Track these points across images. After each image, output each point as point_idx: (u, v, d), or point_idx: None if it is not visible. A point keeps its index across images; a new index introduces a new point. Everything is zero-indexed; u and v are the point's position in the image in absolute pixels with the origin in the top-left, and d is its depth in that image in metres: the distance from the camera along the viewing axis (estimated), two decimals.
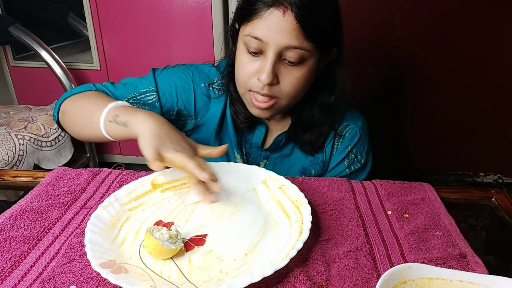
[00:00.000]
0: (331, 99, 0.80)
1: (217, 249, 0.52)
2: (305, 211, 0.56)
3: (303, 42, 0.67)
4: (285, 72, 0.70)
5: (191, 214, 0.59)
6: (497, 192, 0.71)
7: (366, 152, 0.88)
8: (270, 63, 0.68)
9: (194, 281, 0.47)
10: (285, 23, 0.66)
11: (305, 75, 0.71)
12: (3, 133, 1.49)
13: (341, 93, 0.81)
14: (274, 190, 0.64)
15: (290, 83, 0.71)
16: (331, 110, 0.82)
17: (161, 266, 0.49)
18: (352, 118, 0.87)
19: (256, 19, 0.68)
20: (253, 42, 0.69)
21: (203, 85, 0.84)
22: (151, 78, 0.82)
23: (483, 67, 1.82)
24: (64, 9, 2.05)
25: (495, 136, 1.96)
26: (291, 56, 0.68)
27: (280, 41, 0.67)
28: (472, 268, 0.50)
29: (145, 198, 0.63)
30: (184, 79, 0.83)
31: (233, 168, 0.69)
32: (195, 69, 0.85)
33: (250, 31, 0.69)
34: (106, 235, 0.54)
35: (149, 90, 0.81)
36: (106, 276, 0.45)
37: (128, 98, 0.80)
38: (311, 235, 0.53)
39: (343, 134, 0.85)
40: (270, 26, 0.67)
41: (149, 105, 0.81)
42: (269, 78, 0.68)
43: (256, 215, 0.59)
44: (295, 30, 0.66)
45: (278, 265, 0.47)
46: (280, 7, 0.66)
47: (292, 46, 0.67)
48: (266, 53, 0.69)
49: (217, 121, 0.84)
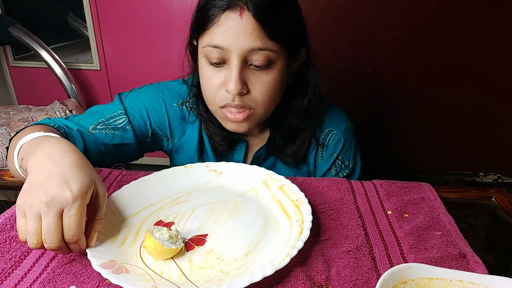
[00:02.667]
0: (304, 102, 0.76)
1: (217, 249, 0.52)
2: (306, 211, 0.56)
3: (267, 42, 0.62)
4: (254, 78, 0.66)
5: (191, 214, 0.59)
6: (497, 192, 0.71)
7: (353, 155, 0.84)
8: (236, 70, 0.63)
9: (195, 281, 0.47)
10: (244, 25, 0.61)
11: (276, 79, 0.67)
12: (3, 133, 1.49)
13: (314, 96, 0.76)
14: (274, 189, 0.64)
15: (261, 89, 0.66)
16: (308, 115, 0.77)
17: (162, 266, 0.49)
18: (334, 122, 0.82)
19: (212, 26, 0.63)
20: (213, 52, 0.64)
21: (176, 105, 0.79)
22: (117, 102, 0.78)
23: (483, 66, 1.82)
24: (64, 10, 2.05)
25: (495, 136, 1.96)
26: (257, 59, 0.63)
27: (242, 45, 0.62)
28: (472, 268, 0.50)
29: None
30: (154, 99, 0.78)
31: (233, 168, 0.69)
32: (164, 88, 0.80)
33: (208, 41, 0.64)
34: (106, 235, 0.54)
35: (117, 114, 0.76)
36: (107, 276, 0.45)
37: (94, 124, 0.75)
38: (311, 235, 0.53)
39: (326, 142, 0.81)
40: (228, 30, 0.62)
41: (120, 129, 0.76)
42: (237, 86, 0.63)
43: (256, 215, 0.59)
44: (256, 30, 0.61)
45: (279, 264, 0.47)
46: (235, 9, 0.61)
47: (256, 48, 0.62)
48: (230, 60, 0.64)
49: (196, 144, 0.81)
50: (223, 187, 0.66)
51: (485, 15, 1.73)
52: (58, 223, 0.46)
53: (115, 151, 0.78)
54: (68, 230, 0.46)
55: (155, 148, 0.85)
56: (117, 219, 0.57)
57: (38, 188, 0.47)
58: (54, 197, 0.45)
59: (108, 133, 0.75)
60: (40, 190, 0.46)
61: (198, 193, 0.64)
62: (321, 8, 1.78)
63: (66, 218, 0.46)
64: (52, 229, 0.45)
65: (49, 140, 0.55)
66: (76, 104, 1.86)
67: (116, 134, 0.76)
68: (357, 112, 1.69)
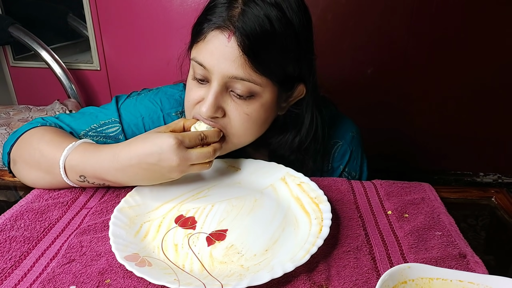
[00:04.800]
0: (295, 141, 0.71)
1: (237, 244, 0.53)
2: (325, 209, 0.57)
3: (251, 74, 0.58)
4: (232, 105, 0.61)
5: (211, 209, 0.60)
6: (497, 192, 0.71)
7: (360, 165, 0.82)
8: (213, 95, 0.60)
9: (215, 275, 0.48)
10: (229, 50, 0.57)
11: (257, 112, 0.62)
12: (3, 133, 1.49)
13: (308, 136, 0.71)
14: (293, 186, 0.65)
15: (239, 119, 0.62)
16: (305, 154, 0.73)
17: (184, 260, 0.50)
18: (340, 132, 0.79)
19: (201, 41, 0.60)
20: (197, 68, 0.61)
21: (174, 114, 0.76)
22: (113, 108, 0.74)
23: (483, 66, 1.82)
24: (64, 10, 2.05)
25: (495, 136, 1.96)
26: (239, 88, 0.59)
27: (223, 70, 0.58)
28: (472, 268, 0.50)
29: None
30: (151, 109, 0.75)
31: (252, 164, 0.70)
32: (163, 95, 0.77)
33: (195, 55, 0.61)
34: (129, 228, 0.55)
35: (111, 121, 0.72)
36: (131, 269, 0.46)
37: (86, 130, 0.71)
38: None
39: (332, 153, 0.78)
40: (213, 51, 0.58)
41: (112, 138, 0.72)
42: (209, 111, 0.60)
43: (275, 212, 0.60)
44: (239, 59, 0.57)
45: (299, 261, 0.47)
46: (225, 31, 0.57)
47: (238, 77, 0.58)
48: (211, 82, 0.60)
49: None
50: (242, 183, 0.67)
51: (485, 15, 1.73)
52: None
53: None
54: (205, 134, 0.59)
55: None
56: (139, 213, 0.59)
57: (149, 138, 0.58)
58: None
59: (99, 140, 0.72)
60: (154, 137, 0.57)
61: (217, 188, 0.65)
62: (321, 8, 1.78)
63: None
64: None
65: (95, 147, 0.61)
66: (76, 104, 1.86)
67: (107, 142, 0.72)
68: (357, 112, 1.69)
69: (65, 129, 0.70)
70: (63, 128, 0.70)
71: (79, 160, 0.59)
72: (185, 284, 0.44)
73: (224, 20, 0.58)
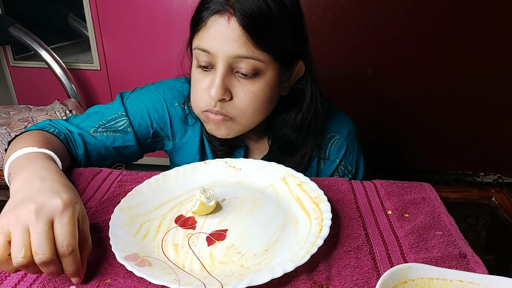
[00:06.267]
0: (298, 117, 0.74)
1: (237, 244, 0.53)
2: (325, 208, 0.57)
3: (254, 51, 0.62)
4: (238, 86, 0.65)
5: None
6: (497, 192, 0.71)
7: (356, 160, 0.83)
8: (219, 76, 0.63)
9: (216, 275, 0.48)
10: (230, 30, 0.61)
11: (263, 90, 0.66)
12: (3, 133, 1.49)
13: (310, 112, 0.74)
14: (293, 186, 0.65)
15: (245, 98, 0.65)
16: (306, 131, 0.75)
17: (183, 260, 0.50)
18: (336, 127, 0.81)
19: (202, 28, 0.63)
20: (202, 55, 0.64)
21: (177, 104, 0.79)
22: (119, 103, 0.77)
23: (483, 66, 1.82)
24: (64, 10, 2.05)
25: (495, 135, 1.96)
26: (243, 67, 0.63)
27: (227, 51, 0.61)
28: (472, 268, 0.50)
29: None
30: (155, 99, 0.78)
31: (252, 164, 0.70)
32: (165, 86, 0.80)
33: (197, 43, 0.64)
34: (129, 228, 0.55)
35: (118, 116, 0.76)
36: (131, 269, 0.46)
37: (95, 127, 0.74)
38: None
39: (328, 148, 0.80)
40: (215, 35, 0.62)
41: (121, 131, 0.76)
42: (218, 92, 0.63)
43: (275, 211, 0.60)
44: (241, 37, 0.61)
45: (299, 261, 0.47)
46: (224, 14, 0.61)
47: (241, 56, 0.62)
48: (216, 65, 0.64)
49: (197, 145, 0.81)
50: (242, 183, 0.67)
51: (485, 15, 1.73)
52: (49, 232, 0.41)
53: (115, 153, 0.78)
54: (62, 240, 0.41)
55: (156, 148, 0.85)
56: (139, 213, 0.59)
57: (25, 201, 0.43)
58: (44, 205, 0.42)
59: (109, 135, 0.75)
60: (28, 202, 0.42)
61: (217, 188, 0.65)
62: (321, 8, 1.78)
63: (58, 228, 0.42)
64: (44, 238, 0.40)
65: (38, 162, 0.54)
66: (76, 104, 1.86)
67: (117, 136, 0.76)
68: (357, 112, 1.69)
69: (73, 130, 0.73)
70: (70, 131, 0.72)
71: (20, 159, 0.56)
72: (185, 284, 0.44)
73: (222, 5, 0.61)
